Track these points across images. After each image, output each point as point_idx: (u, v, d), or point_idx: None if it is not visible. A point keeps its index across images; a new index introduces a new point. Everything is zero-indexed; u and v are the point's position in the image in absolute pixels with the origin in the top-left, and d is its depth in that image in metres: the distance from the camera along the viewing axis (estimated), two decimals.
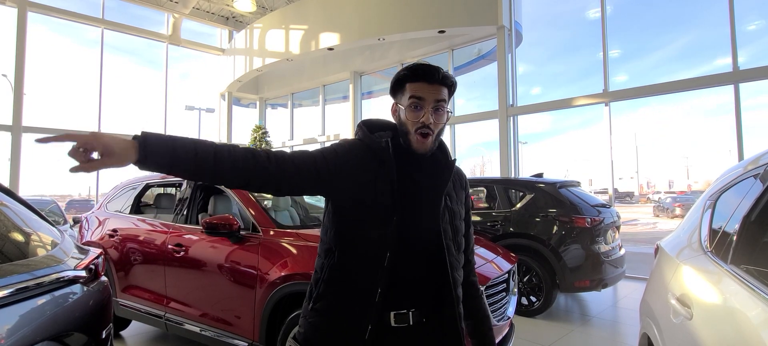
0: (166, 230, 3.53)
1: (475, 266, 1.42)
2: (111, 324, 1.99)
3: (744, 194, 1.55)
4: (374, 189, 1.18)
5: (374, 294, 1.14)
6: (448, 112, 1.23)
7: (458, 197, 1.33)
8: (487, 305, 1.40)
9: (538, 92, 9.09)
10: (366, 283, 1.16)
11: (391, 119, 1.33)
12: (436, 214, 1.22)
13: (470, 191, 1.50)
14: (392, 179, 1.19)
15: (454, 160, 1.32)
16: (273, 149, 1.15)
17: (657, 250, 2.31)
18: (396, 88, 1.24)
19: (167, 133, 1.00)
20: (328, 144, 1.26)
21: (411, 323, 1.18)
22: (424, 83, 1.18)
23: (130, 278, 3.71)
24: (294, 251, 2.74)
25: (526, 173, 8.28)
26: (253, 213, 3.08)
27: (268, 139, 12.03)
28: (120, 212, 4.22)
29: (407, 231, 1.18)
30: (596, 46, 7.45)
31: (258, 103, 13.99)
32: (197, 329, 3.15)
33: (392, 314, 1.17)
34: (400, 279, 1.18)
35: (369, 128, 1.29)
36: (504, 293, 2.84)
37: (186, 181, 3.72)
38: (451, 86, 1.23)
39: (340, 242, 1.20)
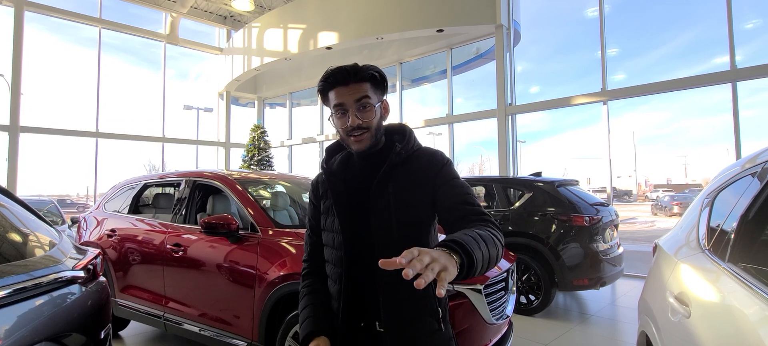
0: (165, 229, 3.52)
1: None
2: (109, 324, 1.99)
3: (742, 192, 1.55)
4: (331, 213, 1.25)
5: (338, 312, 1.22)
6: (379, 104, 1.20)
7: (419, 182, 1.19)
8: (487, 233, 1.03)
9: (537, 91, 9.09)
10: (334, 302, 1.24)
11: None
12: (366, 212, 1.18)
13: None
14: (333, 200, 1.25)
15: (413, 147, 1.24)
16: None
17: (655, 248, 2.32)
18: (324, 101, 1.24)
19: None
20: (326, 143, 1.30)
21: (376, 330, 1.19)
22: (341, 87, 1.17)
23: (129, 278, 3.70)
24: (293, 250, 2.74)
25: (524, 171, 8.29)
26: (252, 213, 3.07)
27: (266, 138, 12.01)
28: (118, 211, 4.21)
29: (356, 245, 1.20)
30: (595, 45, 7.46)
31: (256, 102, 13.97)
32: (196, 329, 3.14)
33: (358, 324, 1.22)
34: (357, 290, 1.21)
35: (330, 152, 1.35)
36: (503, 292, 2.84)
37: (184, 180, 3.72)
38: (374, 78, 1.18)
39: (321, 266, 1.32)
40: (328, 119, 1.26)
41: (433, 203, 1.19)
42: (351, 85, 1.16)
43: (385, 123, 1.28)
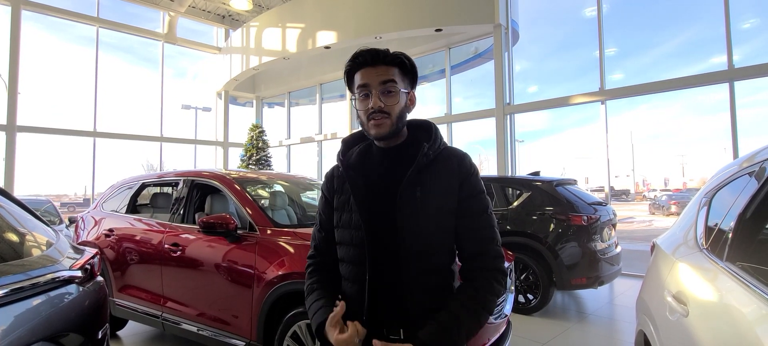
0: (163, 229, 3.51)
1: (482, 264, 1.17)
2: (107, 324, 1.98)
3: (739, 191, 1.56)
4: (348, 209, 1.17)
5: (362, 314, 1.12)
6: (405, 92, 1.15)
7: (444, 188, 1.13)
8: (467, 311, 1.08)
9: (535, 90, 9.10)
10: (357, 305, 1.14)
11: None
12: (392, 209, 1.10)
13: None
14: (352, 195, 1.15)
15: (439, 147, 1.17)
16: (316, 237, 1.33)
17: (653, 247, 2.32)
18: (349, 85, 1.18)
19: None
20: (325, 143, 1.27)
21: (401, 336, 1.11)
22: (368, 68, 1.12)
23: (127, 278, 3.69)
24: (291, 249, 2.74)
25: (522, 171, 8.30)
26: (250, 212, 3.07)
27: (265, 137, 12.00)
28: (116, 211, 4.20)
29: (377, 244, 1.11)
30: (593, 44, 7.47)
31: (255, 101, 13.95)
32: (194, 329, 3.14)
33: (381, 331, 1.12)
34: (380, 293, 1.12)
35: (346, 143, 1.28)
36: None
37: (182, 180, 3.71)
38: (402, 64, 1.14)
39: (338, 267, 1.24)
40: (351, 100, 1.21)
41: (455, 213, 1.14)
42: (378, 66, 1.12)
43: (409, 116, 1.22)
